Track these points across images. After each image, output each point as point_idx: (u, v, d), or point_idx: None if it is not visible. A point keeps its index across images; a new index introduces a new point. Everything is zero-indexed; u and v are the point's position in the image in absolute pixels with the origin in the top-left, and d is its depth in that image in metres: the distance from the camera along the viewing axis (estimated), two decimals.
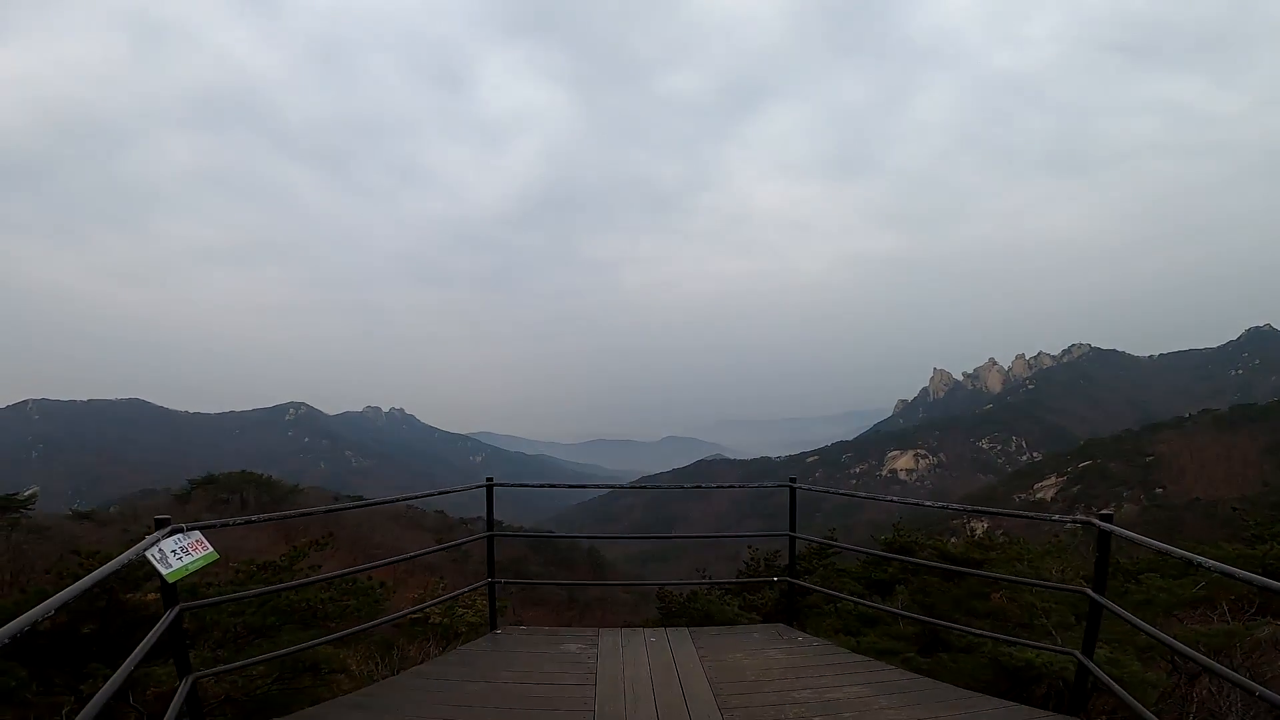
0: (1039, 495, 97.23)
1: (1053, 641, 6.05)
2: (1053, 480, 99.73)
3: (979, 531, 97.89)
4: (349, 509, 14.56)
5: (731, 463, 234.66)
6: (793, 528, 7.15)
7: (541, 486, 8.16)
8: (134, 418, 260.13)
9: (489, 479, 7.08)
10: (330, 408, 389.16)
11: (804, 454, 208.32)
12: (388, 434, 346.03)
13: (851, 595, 11.04)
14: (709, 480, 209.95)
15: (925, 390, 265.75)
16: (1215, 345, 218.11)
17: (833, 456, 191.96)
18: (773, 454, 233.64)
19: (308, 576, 7.33)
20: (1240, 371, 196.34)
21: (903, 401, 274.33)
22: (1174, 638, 4.23)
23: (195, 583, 5.99)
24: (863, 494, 8.29)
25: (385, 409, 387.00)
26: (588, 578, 80.00)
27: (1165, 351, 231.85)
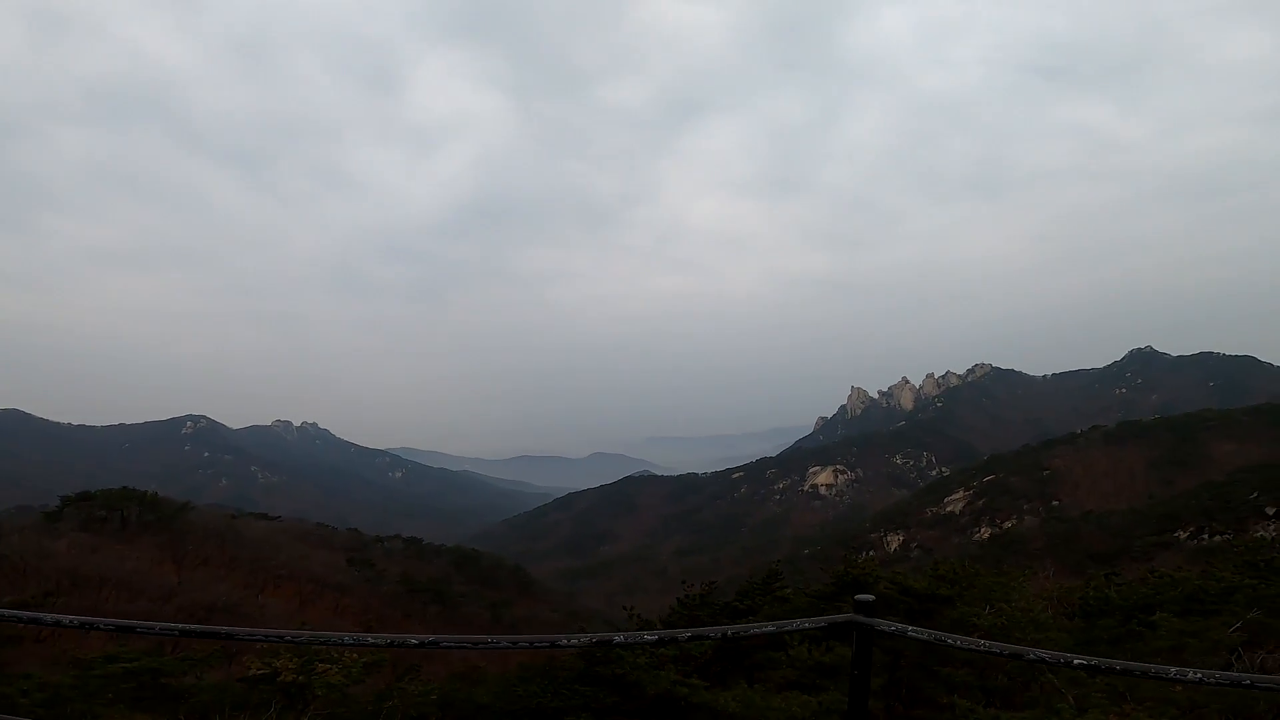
0: (948, 509, 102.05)
1: None
2: (960, 494, 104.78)
3: (894, 545, 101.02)
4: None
5: (659, 479, 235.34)
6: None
7: None
8: (12, 430, 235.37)
9: None
10: (235, 421, 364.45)
11: (730, 470, 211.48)
12: (299, 450, 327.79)
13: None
14: (636, 495, 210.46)
15: (844, 408, 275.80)
16: (1102, 365, 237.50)
17: (757, 473, 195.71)
18: (700, 470, 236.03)
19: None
20: (1124, 390, 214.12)
21: (823, 419, 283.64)
22: None
23: None
24: (950, 637, 7.72)
25: (297, 423, 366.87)
26: (514, 596, 77.98)
27: (1059, 371, 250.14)
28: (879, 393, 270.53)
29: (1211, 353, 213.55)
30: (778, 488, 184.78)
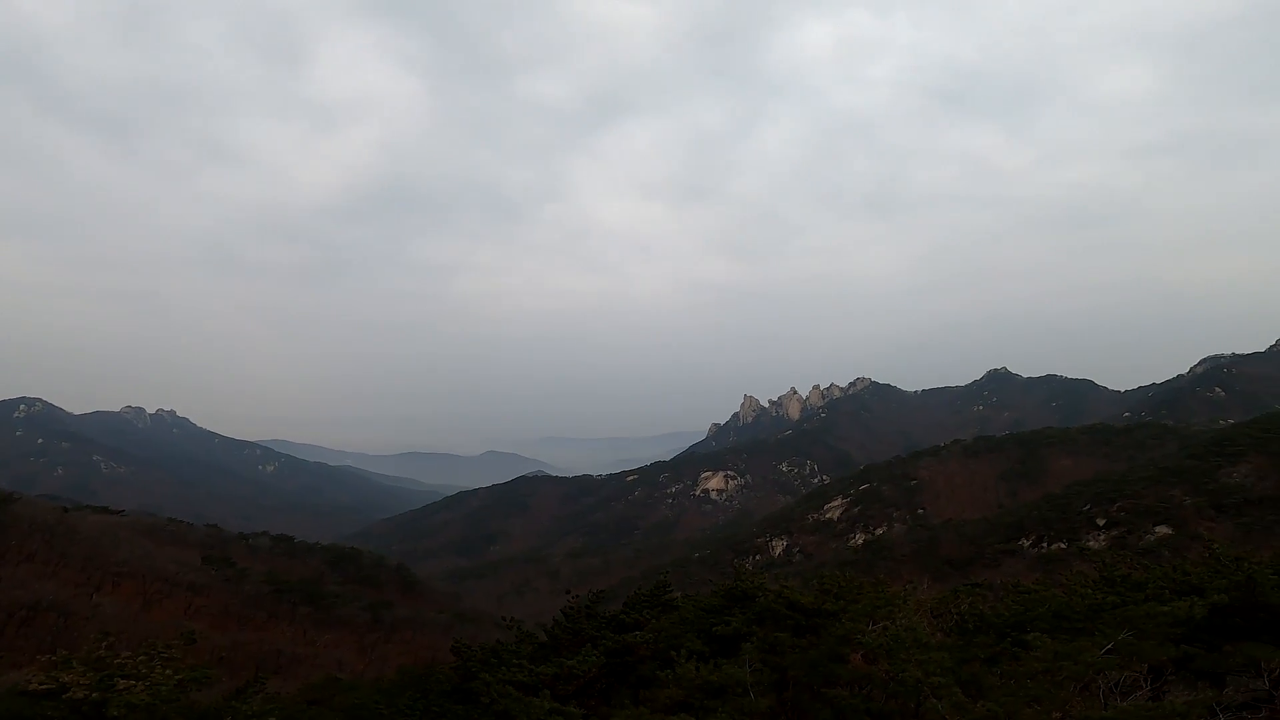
0: (828, 515, 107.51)
1: None
2: (839, 502, 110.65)
3: (778, 550, 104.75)
4: None
5: (553, 480, 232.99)
6: None
7: None
8: None
9: None
10: (77, 406, 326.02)
11: (625, 473, 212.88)
12: (152, 438, 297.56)
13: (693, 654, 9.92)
14: (529, 495, 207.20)
15: (736, 415, 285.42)
16: (965, 384, 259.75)
17: (651, 476, 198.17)
18: (595, 472, 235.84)
19: None
20: (982, 408, 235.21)
21: (716, 425, 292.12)
22: None
23: None
24: None
25: (151, 410, 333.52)
26: (396, 596, 74.29)
27: (928, 387, 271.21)
28: (769, 402, 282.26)
29: (1056, 375, 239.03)
30: (670, 491, 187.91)
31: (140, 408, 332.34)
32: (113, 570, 57.16)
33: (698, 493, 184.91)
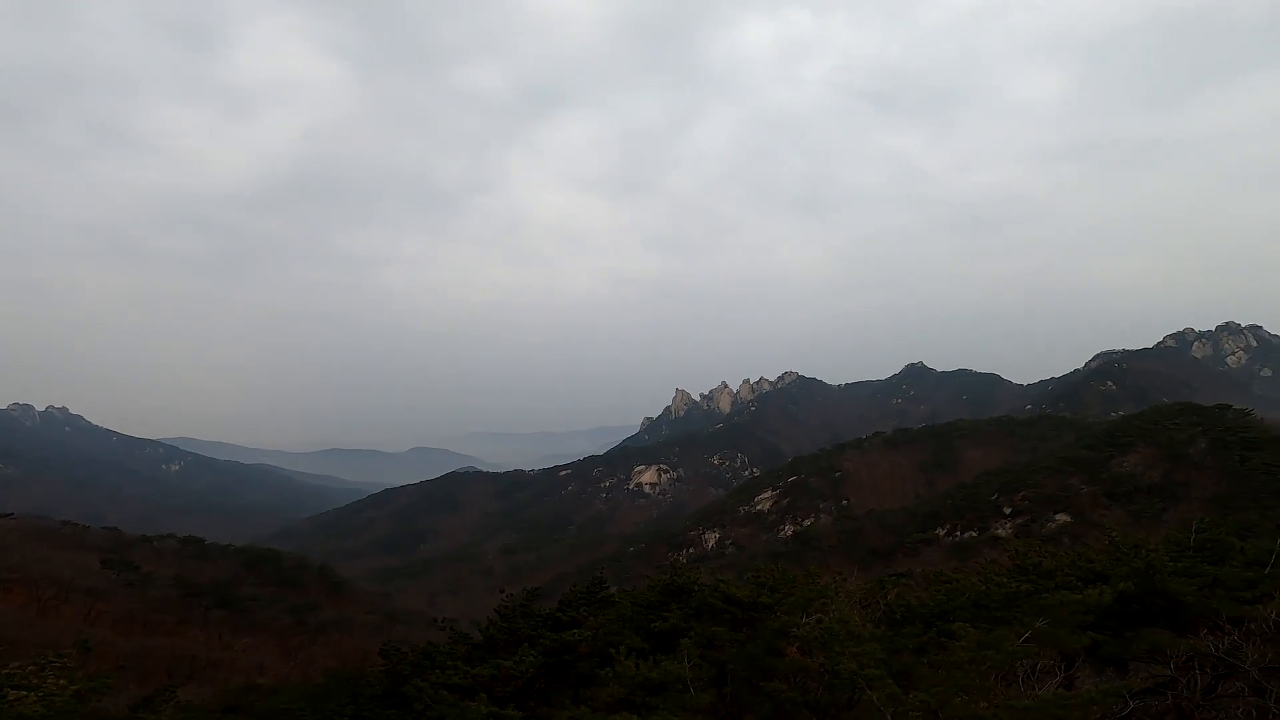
0: (758, 507, 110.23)
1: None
2: (769, 494, 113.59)
3: (711, 543, 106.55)
4: None
5: (484, 476, 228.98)
6: None
7: None
8: None
9: None
10: None
11: (558, 467, 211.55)
12: (42, 437, 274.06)
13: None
14: (460, 492, 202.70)
15: (669, 409, 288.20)
16: (885, 378, 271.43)
17: (585, 470, 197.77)
18: (527, 467, 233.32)
19: None
20: (900, 401, 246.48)
21: (649, 419, 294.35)
22: None
23: None
24: None
25: (40, 408, 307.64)
26: (321, 598, 71.36)
27: (851, 381, 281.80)
28: (701, 395, 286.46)
29: (967, 369, 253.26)
30: (604, 486, 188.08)
31: (29, 405, 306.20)
32: (2, 576, 52.77)
33: (631, 486, 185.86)
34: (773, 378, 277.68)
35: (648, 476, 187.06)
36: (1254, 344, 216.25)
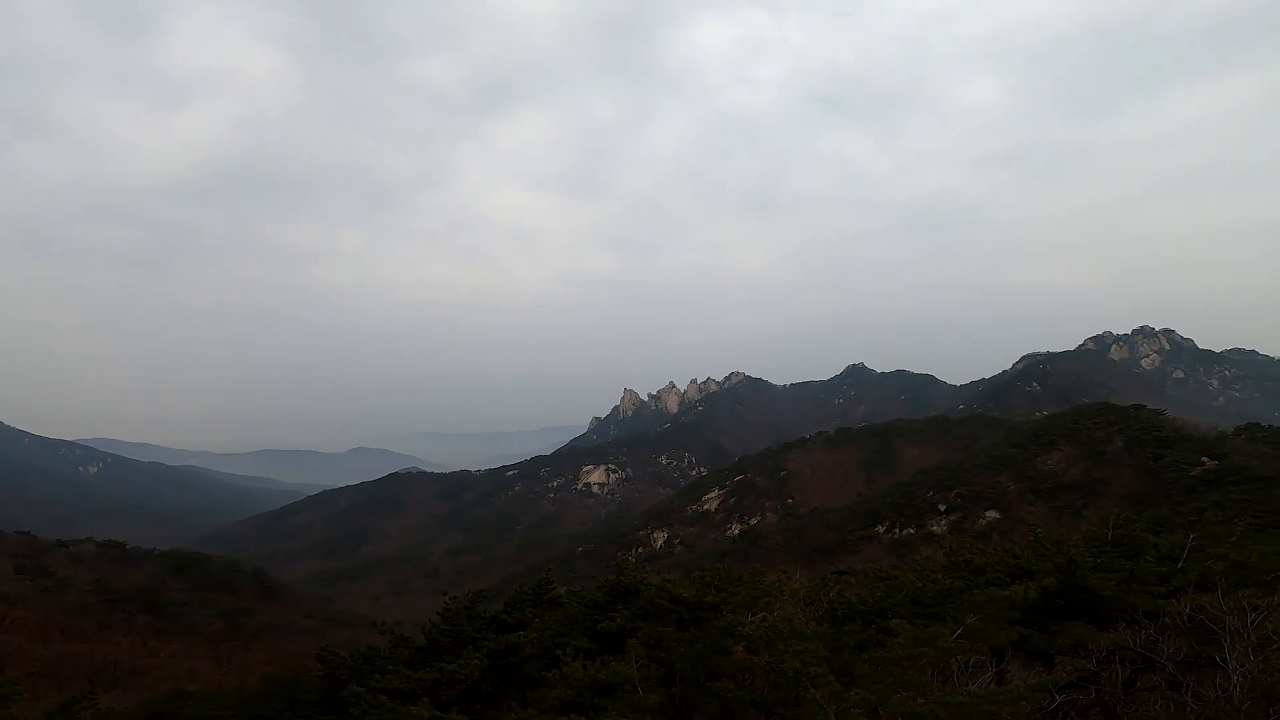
0: (706, 507, 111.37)
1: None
2: (716, 493, 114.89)
3: (660, 542, 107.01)
4: None
5: (429, 476, 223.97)
6: None
7: None
8: None
9: None
10: None
11: (504, 468, 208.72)
12: None
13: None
14: (403, 493, 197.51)
15: (617, 409, 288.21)
16: (827, 378, 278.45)
17: (532, 470, 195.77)
18: (473, 467, 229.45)
19: None
20: (842, 401, 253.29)
21: (596, 419, 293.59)
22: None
23: None
24: None
25: None
26: (255, 602, 68.40)
27: (796, 381, 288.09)
28: (649, 395, 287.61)
29: (904, 370, 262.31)
30: (552, 486, 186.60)
31: None
32: None
33: (579, 487, 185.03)
34: (720, 378, 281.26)
35: (596, 476, 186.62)
36: (1167, 347, 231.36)
